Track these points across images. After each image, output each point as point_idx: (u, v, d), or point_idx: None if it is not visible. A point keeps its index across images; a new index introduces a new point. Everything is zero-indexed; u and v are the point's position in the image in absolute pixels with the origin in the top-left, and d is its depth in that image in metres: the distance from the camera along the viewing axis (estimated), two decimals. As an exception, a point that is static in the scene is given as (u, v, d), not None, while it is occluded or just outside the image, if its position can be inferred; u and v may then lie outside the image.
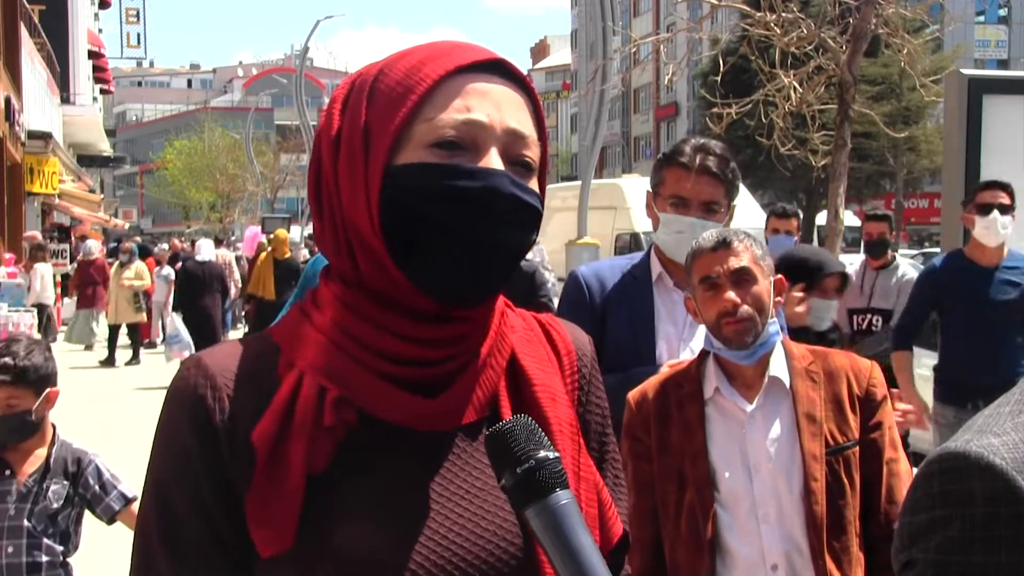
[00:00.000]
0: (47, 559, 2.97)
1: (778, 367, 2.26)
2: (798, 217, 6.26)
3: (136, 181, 78.30)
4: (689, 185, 2.67)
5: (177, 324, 12.82)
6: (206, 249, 14.09)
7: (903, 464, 2.28)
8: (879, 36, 10.63)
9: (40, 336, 11.43)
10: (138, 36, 48.57)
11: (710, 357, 2.30)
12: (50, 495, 3.00)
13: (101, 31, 46.85)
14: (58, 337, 16.95)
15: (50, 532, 2.99)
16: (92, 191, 31.44)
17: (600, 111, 13.61)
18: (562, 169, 62.38)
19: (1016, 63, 38.67)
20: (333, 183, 1.12)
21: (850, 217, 21.46)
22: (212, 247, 14.90)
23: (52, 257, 19.58)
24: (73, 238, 23.68)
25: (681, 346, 2.71)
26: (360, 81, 1.14)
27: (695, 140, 2.78)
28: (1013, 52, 40.85)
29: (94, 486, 3.08)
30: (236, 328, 18.56)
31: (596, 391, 1.30)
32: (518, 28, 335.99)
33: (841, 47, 9.87)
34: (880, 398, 2.28)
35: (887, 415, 2.28)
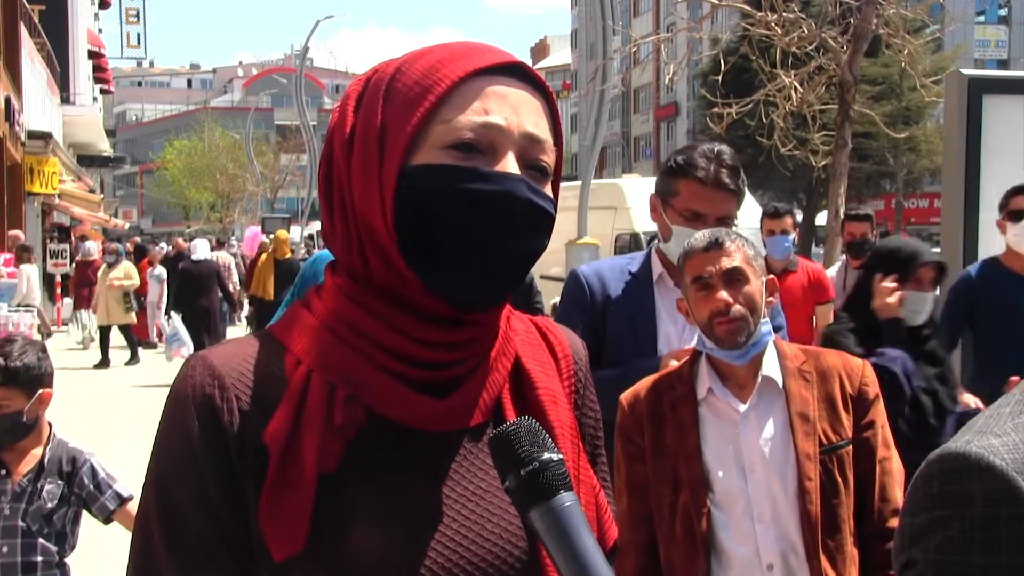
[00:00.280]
0: (42, 559, 2.97)
1: (771, 367, 2.27)
2: (792, 215, 6.22)
3: (136, 181, 78.33)
4: (705, 200, 2.65)
5: (176, 323, 12.89)
6: (201, 249, 14.20)
7: (895, 462, 2.29)
8: (880, 36, 10.64)
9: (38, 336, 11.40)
10: (138, 36, 48.57)
11: (703, 358, 2.31)
12: (44, 495, 3.00)
13: (101, 31, 46.88)
14: (54, 335, 16.98)
15: (45, 532, 2.99)
16: (92, 191, 31.44)
17: (600, 111, 13.61)
18: (562, 169, 62.29)
19: (1016, 63, 38.68)
20: (346, 180, 1.11)
21: (850, 217, 21.32)
22: (207, 247, 14.95)
23: (52, 257, 19.67)
24: (73, 238, 23.70)
25: (681, 346, 2.71)
26: (376, 79, 1.13)
27: (707, 148, 2.71)
28: (1013, 52, 40.85)
29: (89, 485, 3.08)
30: (235, 324, 18.63)
31: (590, 394, 1.31)
32: (518, 28, 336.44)
33: (842, 47, 9.88)
34: (872, 397, 2.28)
35: (879, 414, 2.29)
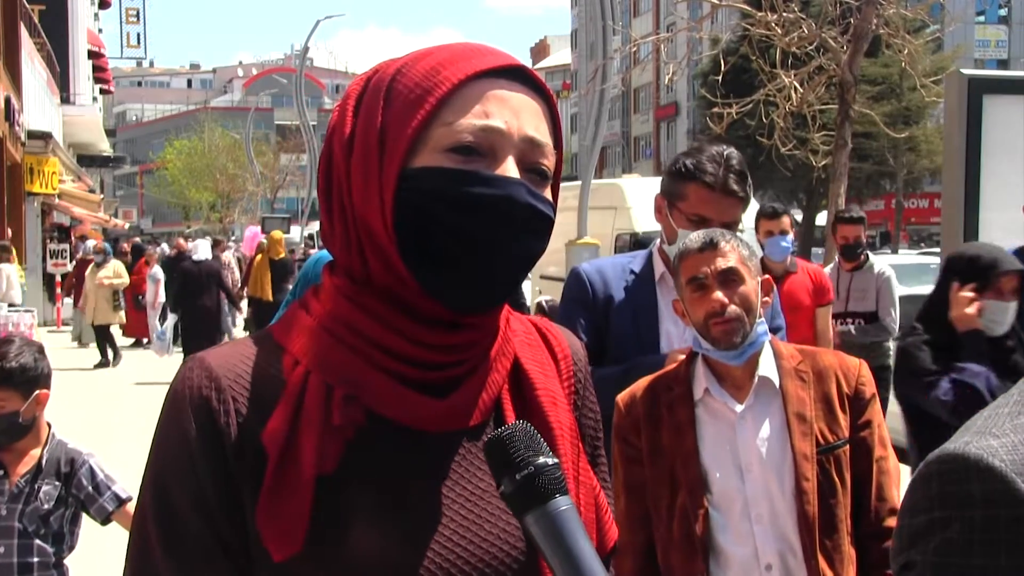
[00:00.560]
0: (38, 560, 2.97)
1: (767, 367, 2.26)
2: (789, 214, 6.14)
3: (136, 181, 78.34)
4: (713, 206, 2.63)
5: (168, 324, 12.93)
6: (203, 248, 14.21)
7: (892, 461, 2.29)
8: (880, 36, 10.65)
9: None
10: (138, 36, 48.56)
11: (699, 358, 2.30)
12: (41, 496, 3.00)
13: (101, 31, 46.89)
14: (54, 335, 17.02)
15: (42, 533, 2.98)
16: (92, 191, 31.44)
17: (600, 111, 13.60)
18: (563, 169, 62.33)
19: (1016, 63, 38.68)
20: (345, 181, 1.11)
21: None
22: (208, 247, 14.97)
23: (52, 257, 19.70)
24: (73, 238, 23.70)
25: (682, 345, 2.70)
26: (377, 79, 1.13)
27: (716, 152, 2.68)
28: (1013, 52, 40.85)
29: (87, 487, 3.07)
30: (235, 325, 18.65)
31: (590, 395, 1.30)
32: (518, 28, 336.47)
33: (842, 47, 9.88)
34: (869, 396, 2.28)
35: (876, 413, 2.29)
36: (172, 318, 12.97)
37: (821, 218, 23.51)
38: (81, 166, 31.84)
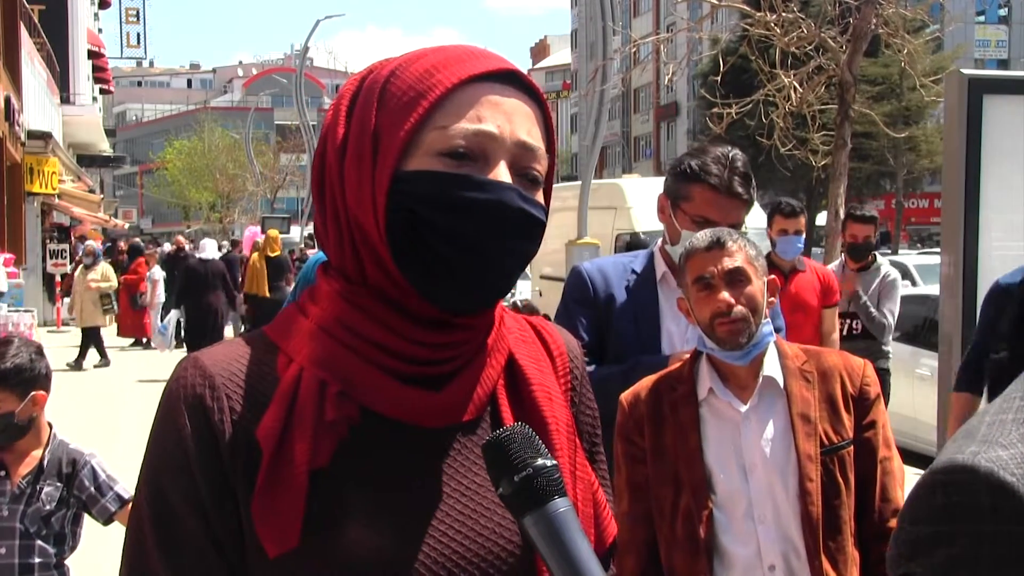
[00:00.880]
0: (40, 560, 2.97)
1: (772, 367, 2.26)
2: (805, 215, 6.07)
3: (136, 181, 78.30)
4: (717, 208, 2.64)
5: (169, 319, 13.00)
6: (210, 248, 14.38)
7: (896, 462, 2.28)
8: (879, 36, 10.64)
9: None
10: (138, 36, 48.59)
11: (703, 358, 2.30)
12: (43, 497, 2.99)
13: (101, 31, 46.87)
14: (54, 335, 16.99)
15: (44, 534, 2.98)
16: (92, 191, 31.43)
17: (600, 111, 13.60)
18: (562, 169, 62.37)
19: (1016, 63, 38.68)
20: (338, 183, 1.12)
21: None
22: (215, 246, 15.10)
23: (52, 257, 19.72)
24: (73, 238, 23.70)
25: (684, 345, 2.71)
26: (371, 80, 1.13)
27: (720, 154, 2.68)
28: (1013, 52, 40.85)
29: (89, 488, 3.07)
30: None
31: (587, 392, 1.31)
32: (518, 28, 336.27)
33: (841, 47, 9.88)
34: (873, 397, 2.27)
35: (880, 413, 2.28)
36: (175, 313, 13.05)
37: (821, 218, 23.48)
38: (81, 166, 31.83)
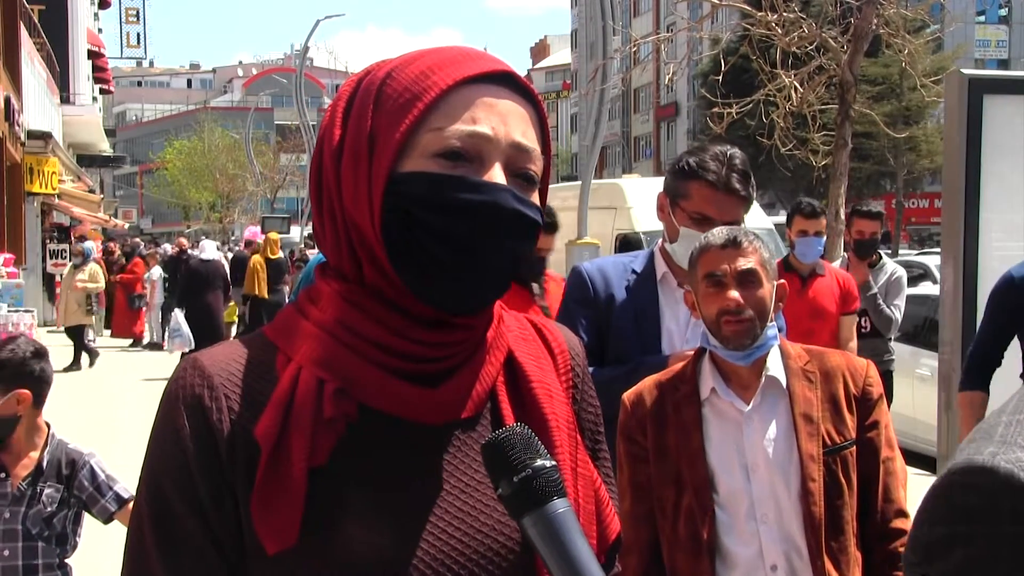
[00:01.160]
0: (43, 561, 2.97)
1: (775, 367, 2.26)
2: (826, 215, 5.94)
3: (136, 181, 78.32)
4: (715, 205, 2.64)
5: (179, 319, 13.13)
6: (210, 248, 14.44)
7: (899, 462, 2.28)
8: (880, 36, 10.63)
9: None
10: (138, 36, 48.60)
11: (706, 358, 2.30)
12: (44, 498, 2.99)
13: (101, 31, 46.86)
14: (54, 335, 16.98)
15: (46, 535, 2.98)
16: (92, 191, 31.42)
17: (600, 111, 13.59)
18: (562, 169, 62.37)
19: (1016, 63, 38.69)
20: (335, 184, 1.13)
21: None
22: (215, 247, 15.17)
23: (52, 257, 19.72)
24: (72, 238, 23.69)
25: (684, 345, 2.71)
26: (368, 82, 1.14)
27: (719, 151, 2.68)
28: (1013, 52, 40.86)
29: (89, 488, 3.07)
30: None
31: (589, 389, 1.31)
32: (518, 28, 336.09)
33: (842, 47, 9.87)
34: (876, 397, 2.27)
35: (883, 414, 2.28)
36: (179, 313, 13.11)
37: (821, 218, 23.44)
38: (81, 166, 31.83)
